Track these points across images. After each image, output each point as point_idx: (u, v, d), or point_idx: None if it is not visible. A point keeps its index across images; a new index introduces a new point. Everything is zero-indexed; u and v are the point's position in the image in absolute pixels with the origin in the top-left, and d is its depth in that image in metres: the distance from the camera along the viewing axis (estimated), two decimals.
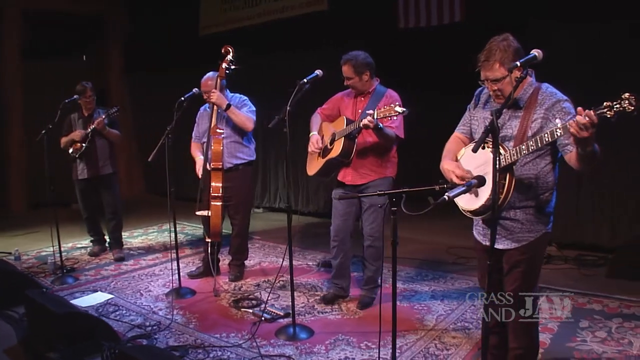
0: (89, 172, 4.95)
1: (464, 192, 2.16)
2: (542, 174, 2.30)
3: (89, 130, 4.81)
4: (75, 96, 4.72)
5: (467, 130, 2.55)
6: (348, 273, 3.96)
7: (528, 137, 2.22)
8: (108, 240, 5.27)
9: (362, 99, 3.70)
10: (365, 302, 3.81)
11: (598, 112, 1.84)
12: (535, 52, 2.06)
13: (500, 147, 2.23)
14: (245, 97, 4.34)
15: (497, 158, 1.95)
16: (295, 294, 4.04)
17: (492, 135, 1.90)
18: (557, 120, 2.08)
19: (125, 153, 8.65)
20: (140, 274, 4.66)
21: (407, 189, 2.23)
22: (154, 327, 3.44)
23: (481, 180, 2.22)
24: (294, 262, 4.91)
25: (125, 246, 5.38)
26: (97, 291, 4.17)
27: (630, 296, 3.61)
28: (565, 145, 2.17)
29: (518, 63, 2.03)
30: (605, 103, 1.83)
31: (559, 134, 2.00)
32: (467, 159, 2.39)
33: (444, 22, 5.33)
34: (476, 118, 2.48)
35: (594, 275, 4.17)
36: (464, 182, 2.26)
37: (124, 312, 3.74)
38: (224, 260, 4.85)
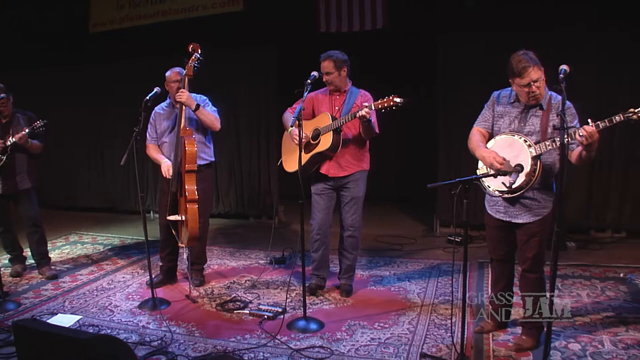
0: (4, 188, 4.31)
1: (517, 177, 2.67)
2: (554, 162, 2.89)
3: (9, 144, 4.18)
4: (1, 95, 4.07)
5: (488, 126, 3.07)
6: (328, 264, 4.17)
7: (548, 133, 2.79)
8: (32, 257, 4.61)
9: (338, 96, 3.93)
10: (347, 289, 4.07)
11: (625, 115, 2.44)
12: (565, 67, 2.58)
13: (527, 140, 2.78)
14: (206, 97, 4.22)
15: (565, 147, 2.44)
16: (274, 291, 4.18)
17: (561, 130, 2.39)
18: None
19: None
20: (90, 290, 4.22)
21: (478, 176, 2.64)
22: (160, 342, 3.24)
23: (521, 167, 2.74)
24: (244, 262, 5.01)
25: None
26: (55, 314, 3.70)
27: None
28: (571, 144, 2.77)
29: (562, 75, 2.52)
30: (630, 109, 2.45)
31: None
32: (497, 149, 2.90)
33: (365, 28, 5.77)
34: (501, 114, 3.00)
35: None
36: (502, 166, 2.80)
37: (110, 331, 3.40)
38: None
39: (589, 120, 2.58)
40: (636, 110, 2.44)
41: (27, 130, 4.19)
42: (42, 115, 4.41)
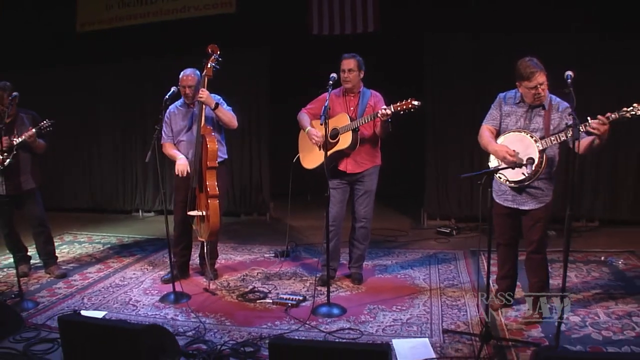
0: (8, 189, 4.25)
1: (531, 168, 3.08)
2: (555, 155, 3.28)
3: (17, 142, 4.15)
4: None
5: (496, 124, 3.42)
6: (339, 255, 4.41)
7: (551, 130, 3.16)
8: (39, 256, 4.60)
9: (352, 97, 4.16)
10: (358, 277, 4.32)
11: (620, 113, 2.81)
12: (570, 73, 2.92)
13: (533, 136, 3.14)
14: (220, 97, 4.35)
15: (574, 141, 2.79)
16: (289, 282, 4.38)
17: (573, 127, 2.75)
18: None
19: None
20: (105, 287, 4.27)
21: (500, 167, 2.99)
22: (195, 332, 3.37)
23: (532, 160, 3.09)
24: (249, 257, 5.18)
25: None
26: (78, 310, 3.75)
27: None
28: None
29: (569, 80, 2.86)
30: (623, 108, 2.83)
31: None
32: (508, 144, 3.25)
33: (357, 31, 6.03)
34: (508, 113, 3.35)
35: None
36: (514, 158, 3.15)
37: None
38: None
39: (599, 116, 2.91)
40: (629, 109, 2.82)
41: (35, 130, 4.19)
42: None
